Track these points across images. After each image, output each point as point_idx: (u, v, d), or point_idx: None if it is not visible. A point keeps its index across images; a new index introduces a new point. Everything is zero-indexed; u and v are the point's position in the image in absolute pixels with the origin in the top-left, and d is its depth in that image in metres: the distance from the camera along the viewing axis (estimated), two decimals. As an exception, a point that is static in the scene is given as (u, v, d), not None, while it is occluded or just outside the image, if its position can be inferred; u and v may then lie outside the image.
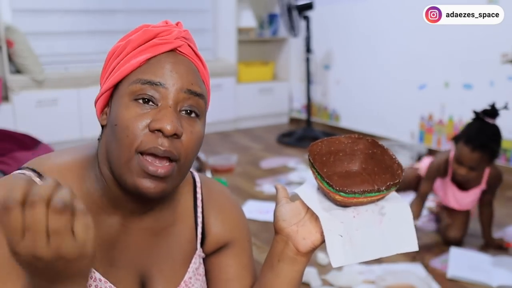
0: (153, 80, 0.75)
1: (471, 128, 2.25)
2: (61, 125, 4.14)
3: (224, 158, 3.80)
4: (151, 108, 0.75)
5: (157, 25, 0.82)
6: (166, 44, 0.78)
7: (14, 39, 3.94)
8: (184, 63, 0.79)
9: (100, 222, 0.82)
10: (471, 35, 3.63)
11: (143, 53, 0.78)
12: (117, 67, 0.79)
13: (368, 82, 4.65)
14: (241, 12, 5.23)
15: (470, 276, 2.09)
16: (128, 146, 0.74)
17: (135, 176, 0.74)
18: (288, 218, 0.84)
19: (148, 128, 0.73)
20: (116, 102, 0.77)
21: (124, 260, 0.85)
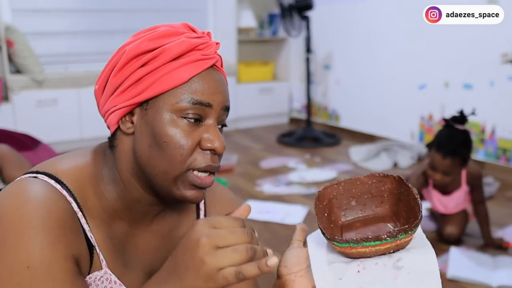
0: (203, 101, 0.77)
1: (442, 135, 2.32)
2: (61, 125, 4.14)
3: (224, 158, 3.80)
4: (198, 125, 0.78)
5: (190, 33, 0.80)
6: (209, 60, 0.79)
7: (14, 39, 3.94)
8: (223, 80, 0.82)
9: (114, 225, 0.82)
10: (471, 35, 3.63)
11: (185, 68, 0.77)
12: (151, 78, 0.77)
13: (368, 82, 4.65)
14: (241, 12, 5.23)
15: (470, 276, 2.09)
16: (181, 163, 0.76)
17: (183, 189, 0.78)
18: (290, 265, 0.80)
19: (200, 146, 0.77)
20: (157, 117, 0.77)
21: (133, 262, 0.86)
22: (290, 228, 2.60)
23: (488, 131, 3.67)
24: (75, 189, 0.78)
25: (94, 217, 0.80)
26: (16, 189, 0.74)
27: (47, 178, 0.77)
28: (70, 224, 0.74)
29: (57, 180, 0.77)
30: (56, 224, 0.71)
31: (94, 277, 0.79)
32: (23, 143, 2.79)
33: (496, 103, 3.59)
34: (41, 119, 4.05)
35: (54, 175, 0.77)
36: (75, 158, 0.83)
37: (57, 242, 0.70)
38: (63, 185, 0.77)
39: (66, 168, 0.80)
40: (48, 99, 4.10)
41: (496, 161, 3.65)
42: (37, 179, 0.76)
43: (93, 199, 0.80)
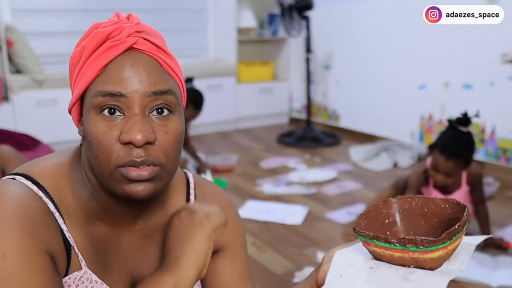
0: (112, 91, 0.72)
1: (445, 137, 2.31)
2: (61, 125, 4.12)
3: (224, 158, 3.80)
4: (119, 117, 0.73)
5: (107, 23, 0.78)
6: (119, 45, 0.73)
7: (14, 39, 3.94)
8: (142, 62, 0.74)
9: (93, 226, 0.81)
10: (471, 35, 3.63)
11: (98, 60, 0.74)
12: (78, 77, 0.76)
13: (368, 82, 4.65)
14: (241, 12, 5.23)
15: (470, 276, 2.09)
16: (106, 161, 0.73)
17: (121, 185, 0.74)
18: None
19: (119, 141, 0.72)
20: (86, 117, 0.75)
21: (116, 263, 0.84)
22: (290, 228, 2.60)
23: (488, 131, 3.67)
24: (52, 190, 0.78)
25: (72, 218, 0.79)
26: None
27: (24, 179, 0.77)
28: (44, 221, 0.73)
29: (33, 181, 0.77)
30: (30, 221, 0.71)
31: (74, 277, 0.78)
32: (23, 143, 2.80)
33: (496, 103, 3.59)
34: (41, 119, 4.05)
35: (31, 176, 0.77)
36: (53, 159, 0.83)
37: (30, 236, 0.70)
38: (39, 186, 0.77)
39: (43, 169, 0.79)
40: (48, 99, 4.10)
41: (496, 161, 3.65)
42: (14, 180, 0.76)
43: (71, 200, 0.79)
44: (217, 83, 4.94)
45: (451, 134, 2.30)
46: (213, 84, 4.88)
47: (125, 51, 0.74)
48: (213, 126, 4.98)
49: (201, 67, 4.90)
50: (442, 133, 2.37)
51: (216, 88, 4.92)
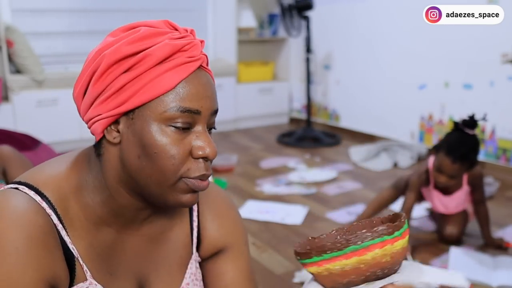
0: (192, 108, 0.74)
1: (452, 139, 2.29)
2: (61, 125, 4.14)
3: (224, 158, 3.80)
4: (187, 132, 0.75)
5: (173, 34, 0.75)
6: (195, 62, 0.75)
7: (14, 39, 3.94)
8: (210, 82, 0.78)
9: (99, 233, 0.81)
10: (471, 35, 3.63)
11: (171, 72, 0.72)
12: (136, 85, 0.72)
13: (368, 82, 4.65)
14: (241, 12, 5.23)
15: (470, 276, 2.09)
16: (174, 172, 0.74)
17: (179, 195, 0.76)
18: None
19: (192, 155, 0.75)
20: (147, 127, 0.73)
21: (122, 268, 0.84)
22: (290, 228, 2.60)
23: (488, 131, 3.67)
24: (56, 200, 0.76)
25: (76, 228, 0.78)
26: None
27: (27, 189, 0.75)
28: (43, 242, 0.72)
29: (37, 191, 0.76)
30: (27, 244, 0.70)
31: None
32: (23, 143, 2.80)
33: (496, 103, 3.59)
34: (41, 119, 4.05)
35: (35, 186, 0.76)
36: (56, 166, 0.81)
37: (28, 265, 0.69)
38: (43, 196, 0.75)
39: (46, 178, 0.78)
40: (48, 99, 4.10)
41: (496, 161, 3.65)
42: (18, 190, 0.75)
43: (75, 209, 0.78)
44: (217, 83, 4.91)
45: (458, 137, 2.27)
46: (213, 84, 4.88)
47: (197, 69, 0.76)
48: (213, 126, 4.98)
49: (201, 67, 4.89)
50: (448, 134, 2.35)
51: (216, 88, 4.92)
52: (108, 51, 0.74)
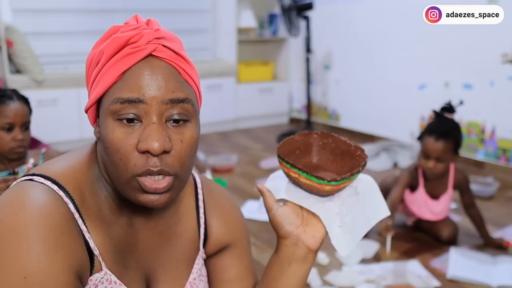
0: (131, 98, 0.71)
1: (432, 123, 2.39)
2: (61, 125, 4.14)
3: (224, 158, 3.80)
4: (137, 125, 0.73)
5: (127, 27, 0.77)
6: (138, 53, 0.73)
7: (14, 39, 3.94)
8: (161, 70, 0.74)
9: (112, 224, 0.81)
10: (471, 35, 3.63)
11: (117, 66, 0.73)
12: (96, 80, 0.76)
13: (368, 82, 4.65)
14: (241, 12, 5.23)
15: (470, 276, 2.09)
16: (124, 169, 0.73)
17: (137, 194, 0.74)
18: (292, 221, 0.89)
19: (137, 149, 0.72)
20: (103, 122, 0.75)
21: (133, 261, 0.85)
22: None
23: (488, 131, 3.67)
24: (72, 190, 0.77)
25: (92, 218, 0.78)
26: (12, 196, 0.73)
27: (44, 179, 0.75)
28: (68, 229, 0.72)
29: (54, 181, 0.76)
30: (54, 232, 0.69)
31: (94, 279, 0.78)
32: (23, 143, 2.79)
33: (496, 103, 3.59)
34: (41, 119, 4.04)
35: (51, 177, 0.76)
36: (70, 158, 0.82)
37: (54, 253, 0.68)
38: (60, 186, 0.75)
39: (62, 169, 0.78)
40: (48, 99, 4.10)
41: (496, 161, 3.65)
42: (34, 182, 0.75)
43: (89, 199, 0.79)
44: (217, 83, 4.94)
45: (438, 120, 2.37)
46: (213, 84, 4.88)
47: (144, 58, 0.74)
48: (213, 126, 4.98)
49: (201, 67, 4.89)
50: (429, 122, 2.43)
51: (216, 88, 4.93)
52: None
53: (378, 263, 2.24)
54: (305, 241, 0.88)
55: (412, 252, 2.36)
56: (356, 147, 0.91)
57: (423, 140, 2.34)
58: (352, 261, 2.23)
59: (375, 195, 0.91)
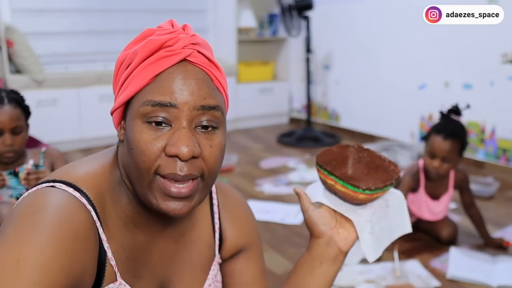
0: (162, 101, 0.70)
1: (440, 122, 2.40)
2: (61, 125, 4.14)
3: (224, 158, 3.78)
4: (166, 129, 0.72)
5: (162, 30, 0.76)
6: (174, 56, 0.72)
7: (14, 39, 3.94)
8: (194, 75, 0.73)
9: (129, 233, 0.80)
10: (471, 35, 3.64)
11: (150, 68, 0.73)
12: (126, 82, 0.75)
13: (368, 82, 4.65)
14: (241, 12, 5.23)
15: (470, 276, 2.09)
16: (147, 170, 0.71)
17: (159, 200, 0.72)
18: (327, 222, 0.92)
19: (164, 152, 0.71)
20: (130, 124, 0.74)
21: (146, 271, 0.83)
22: (290, 228, 2.60)
23: (488, 131, 3.67)
24: (94, 197, 0.75)
25: (110, 227, 0.77)
26: (33, 198, 0.71)
27: (65, 186, 0.73)
28: (83, 238, 0.70)
29: (76, 188, 0.74)
30: (68, 235, 0.67)
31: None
32: (23, 143, 2.79)
33: (496, 103, 3.59)
34: (41, 119, 4.04)
35: (72, 183, 0.74)
36: (91, 163, 0.80)
37: (60, 253, 0.65)
38: (82, 193, 0.74)
39: (84, 174, 0.77)
40: (48, 99, 4.10)
41: (496, 161, 3.65)
42: (55, 188, 0.73)
43: (110, 206, 0.77)
44: (217, 83, 4.94)
45: (445, 120, 2.37)
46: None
47: (178, 63, 0.73)
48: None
49: (201, 67, 4.89)
50: (436, 123, 2.42)
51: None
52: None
53: (378, 263, 2.24)
54: (337, 242, 0.91)
55: (412, 252, 2.35)
56: (390, 163, 0.95)
57: (430, 139, 2.34)
58: (352, 261, 2.23)
59: (402, 211, 0.96)
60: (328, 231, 0.92)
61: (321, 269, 0.92)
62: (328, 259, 0.92)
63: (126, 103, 0.76)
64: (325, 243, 0.92)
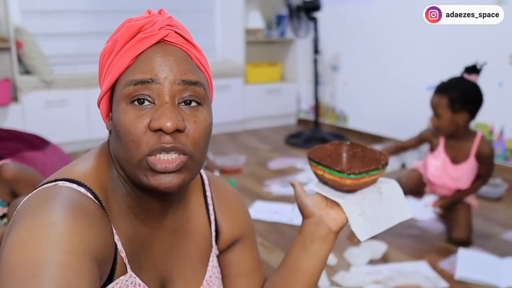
0: (143, 78, 0.72)
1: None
2: (69, 125, 4.17)
3: (232, 158, 3.81)
4: (149, 107, 0.73)
5: (139, 18, 0.79)
6: (151, 37, 0.75)
7: (23, 40, 3.97)
8: (173, 53, 0.75)
9: (131, 225, 0.80)
10: (479, 36, 3.62)
11: (130, 51, 0.75)
12: (109, 69, 0.77)
13: (376, 83, 4.64)
14: (248, 13, 5.24)
15: (479, 277, 2.08)
16: (135, 150, 0.72)
17: (149, 176, 0.73)
18: (317, 204, 0.96)
19: (149, 128, 0.72)
20: (115, 108, 0.75)
21: (148, 263, 0.84)
22: (298, 229, 2.60)
23: (497, 132, 3.65)
24: (98, 191, 0.76)
25: (115, 219, 0.78)
26: (41, 193, 0.71)
27: (68, 183, 0.73)
28: (101, 224, 0.71)
29: (79, 183, 0.74)
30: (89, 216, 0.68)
31: (120, 282, 0.76)
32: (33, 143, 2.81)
33: (504, 104, 3.57)
34: (50, 119, 4.08)
35: (75, 179, 0.75)
36: (88, 159, 0.81)
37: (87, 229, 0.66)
38: (86, 188, 0.74)
39: (85, 170, 0.77)
40: (57, 100, 4.12)
41: (505, 163, 3.63)
42: (59, 185, 0.73)
43: (112, 199, 0.78)
44: (225, 84, 4.95)
45: (452, 78, 2.49)
46: (221, 85, 4.89)
47: (156, 43, 0.76)
48: (221, 127, 4.99)
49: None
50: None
51: (224, 89, 4.94)
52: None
53: (386, 264, 2.24)
54: (326, 221, 0.94)
55: (421, 254, 2.35)
56: (380, 153, 0.99)
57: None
58: (360, 262, 2.23)
59: (399, 198, 1.00)
60: (317, 211, 0.95)
61: (312, 248, 0.94)
62: (319, 238, 0.94)
63: (111, 93, 0.78)
64: (314, 222, 0.95)
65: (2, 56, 4.13)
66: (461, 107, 2.39)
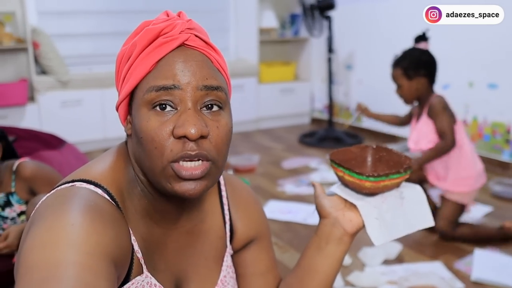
0: (165, 84, 0.72)
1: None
2: (85, 125, 4.20)
3: (246, 158, 3.81)
4: (171, 113, 0.72)
5: (158, 20, 0.78)
6: (172, 42, 0.74)
7: (40, 41, 4.01)
8: (194, 58, 0.75)
9: (147, 226, 0.80)
10: (495, 34, 3.58)
11: (150, 56, 0.74)
12: (128, 74, 0.76)
13: (390, 82, 4.60)
14: (262, 12, 5.24)
15: (495, 278, 2.06)
16: (159, 157, 0.72)
17: (173, 183, 0.73)
18: (334, 205, 0.95)
19: (173, 135, 0.71)
20: (136, 114, 0.75)
21: (162, 263, 0.84)
22: (312, 228, 2.60)
23: (514, 131, 3.61)
24: (115, 192, 0.76)
25: (132, 220, 0.78)
26: (59, 194, 0.71)
27: (86, 184, 0.74)
28: (119, 225, 0.71)
29: (96, 184, 0.74)
30: (102, 215, 0.68)
31: (137, 282, 0.77)
32: (49, 143, 2.84)
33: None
34: (66, 119, 4.12)
35: (92, 180, 0.75)
36: (105, 160, 0.81)
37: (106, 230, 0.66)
38: (103, 189, 0.74)
39: (102, 171, 0.77)
40: (73, 100, 4.16)
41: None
42: (76, 186, 0.73)
43: (128, 200, 0.78)
44: (239, 83, 4.95)
45: (403, 49, 2.63)
46: (234, 84, 4.89)
47: (177, 48, 0.75)
48: (234, 126, 4.96)
49: (223, 67, 4.91)
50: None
51: (237, 88, 4.94)
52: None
53: (401, 264, 2.23)
54: (342, 223, 0.93)
55: (436, 254, 2.33)
56: (405, 158, 0.97)
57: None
58: (374, 262, 2.22)
59: (422, 204, 0.97)
60: (333, 212, 0.94)
61: (327, 249, 0.94)
62: (334, 239, 0.93)
63: (130, 97, 0.78)
64: (330, 223, 0.94)
65: (19, 57, 4.18)
66: (415, 73, 2.52)
